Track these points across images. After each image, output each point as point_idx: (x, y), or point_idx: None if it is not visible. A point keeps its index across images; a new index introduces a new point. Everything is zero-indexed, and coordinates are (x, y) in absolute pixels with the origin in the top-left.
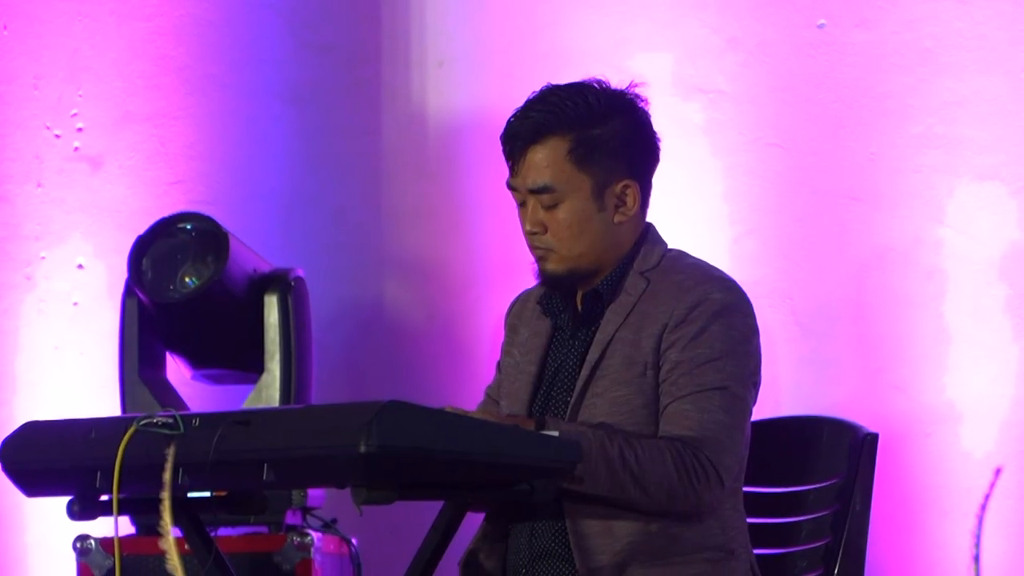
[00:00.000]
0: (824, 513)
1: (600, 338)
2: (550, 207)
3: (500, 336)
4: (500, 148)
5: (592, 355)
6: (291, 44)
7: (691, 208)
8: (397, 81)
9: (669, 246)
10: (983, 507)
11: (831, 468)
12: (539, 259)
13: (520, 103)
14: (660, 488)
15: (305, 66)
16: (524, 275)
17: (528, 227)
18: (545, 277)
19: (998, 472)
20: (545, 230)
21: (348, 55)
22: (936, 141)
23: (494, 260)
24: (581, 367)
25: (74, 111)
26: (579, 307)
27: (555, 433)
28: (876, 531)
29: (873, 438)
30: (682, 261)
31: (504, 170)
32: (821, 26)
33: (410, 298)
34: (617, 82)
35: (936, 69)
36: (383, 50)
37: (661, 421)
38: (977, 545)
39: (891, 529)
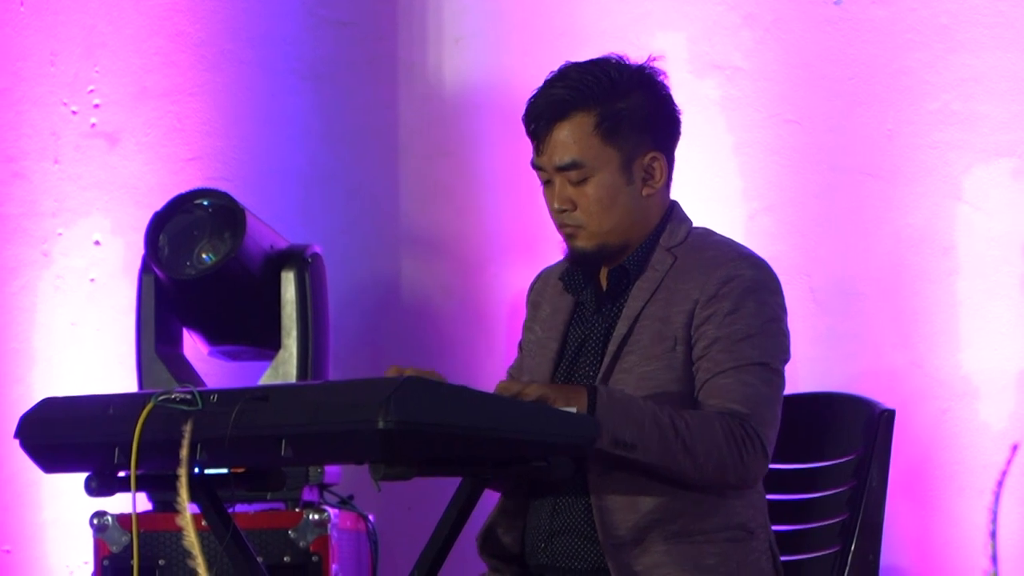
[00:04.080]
0: (841, 489)
1: (628, 313)
2: (578, 183)
3: (517, 313)
4: (517, 124)
5: (620, 330)
6: (308, 20)
7: (708, 184)
8: (414, 57)
9: (694, 224)
10: (1000, 483)
11: (848, 444)
12: (568, 236)
13: (537, 80)
14: (710, 458)
15: (322, 42)
16: (541, 252)
17: (556, 205)
18: (575, 254)
19: (1015, 448)
20: (574, 207)
21: (365, 31)
22: (953, 117)
23: (511, 237)
24: (607, 343)
25: (91, 87)
26: (603, 283)
27: (573, 410)
28: (893, 507)
29: (890, 414)
30: (709, 238)
31: (522, 146)
32: (838, 2)
33: (427, 275)
34: (635, 59)
35: (953, 45)
36: (400, 26)
37: (700, 396)
38: (994, 521)
39: (908, 505)
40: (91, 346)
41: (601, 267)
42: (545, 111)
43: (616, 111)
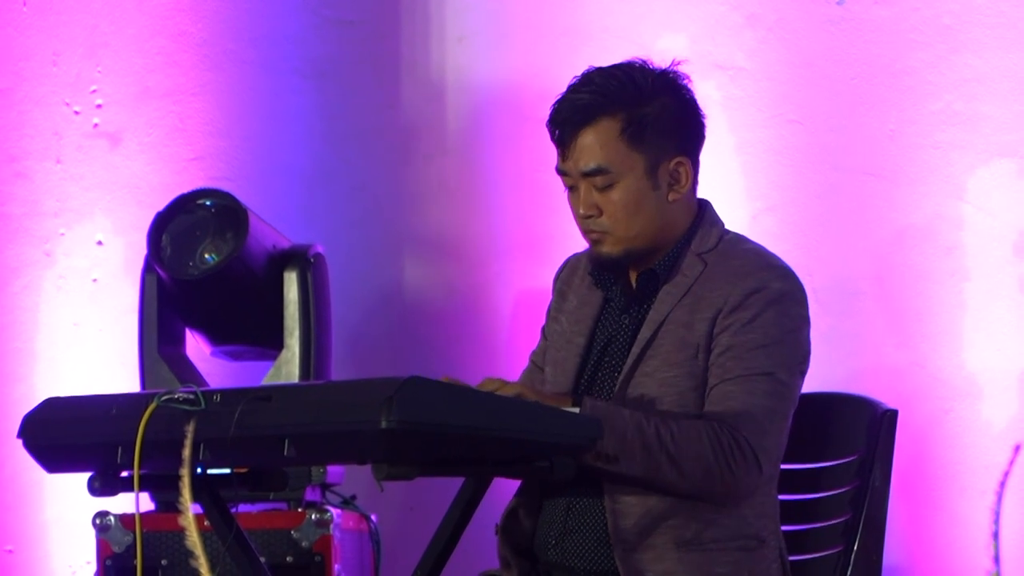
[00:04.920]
0: (844, 489)
1: (653, 317)
2: (604, 189)
3: (520, 311)
4: (520, 123)
5: (644, 333)
6: (311, 19)
7: (710, 185)
8: (417, 56)
9: (726, 226)
10: (1002, 484)
11: (851, 444)
12: (594, 242)
13: (540, 79)
14: (696, 468)
15: (325, 41)
16: (544, 251)
17: (582, 211)
18: (601, 260)
19: (1017, 448)
20: (600, 213)
21: (368, 30)
22: (955, 118)
23: (514, 236)
24: (631, 344)
25: (93, 87)
26: (632, 283)
27: (575, 410)
28: (895, 507)
29: (892, 414)
30: (741, 245)
31: (524, 145)
32: (840, 2)
33: (430, 274)
34: (658, 63)
35: (955, 45)
36: (403, 25)
37: (706, 402)
38: (996, 522)
39: (910, 505)
40: (93, 346)
41: (629, 269)
42: (570, 116)
43: (641, 116)
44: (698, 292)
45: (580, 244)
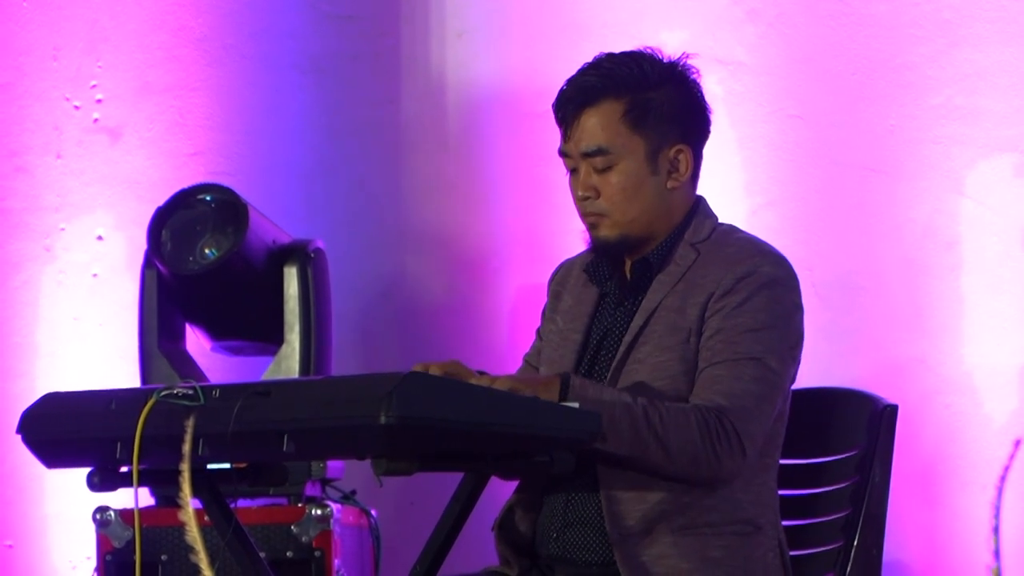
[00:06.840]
0: (844, 485)
1: (646, 305)
2: (603, 171)
3: (519, 307)
4: (519, 119)
5: (637, 321)
6: (311, 15)
7: (710, 179)
8: (417, 52)
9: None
10: (1002, 478)
11: (851, 440)
12: (591, 225)
13: (540, 74)
14: (683, 451)
15: (325, 37)
16: (543, 247)
17: (580, 192)
18: (597, 243)
19: (1018, 443)
20: (597, 195)
21: (368, 26)
22: (955, 112)
23: (513, 232)
24: (626, 334)
25: (93, 82)
26: (627, 276)
27: (575, 405)
28: (895, 502)
29: (892, 409)
30: (733, 235)
31: (523, 141)
32: None
33: (429, 270)
34: (669, 55)
35: (956, 40)
36: (402, 21)
37: (695, 385)
38: (996, 516)
39: (911, 500)
40: (93, 341)
41: (624, 258)
42: (575, 97)
43: (645, 101)
44: (690, 279)
45: (578, 240)
